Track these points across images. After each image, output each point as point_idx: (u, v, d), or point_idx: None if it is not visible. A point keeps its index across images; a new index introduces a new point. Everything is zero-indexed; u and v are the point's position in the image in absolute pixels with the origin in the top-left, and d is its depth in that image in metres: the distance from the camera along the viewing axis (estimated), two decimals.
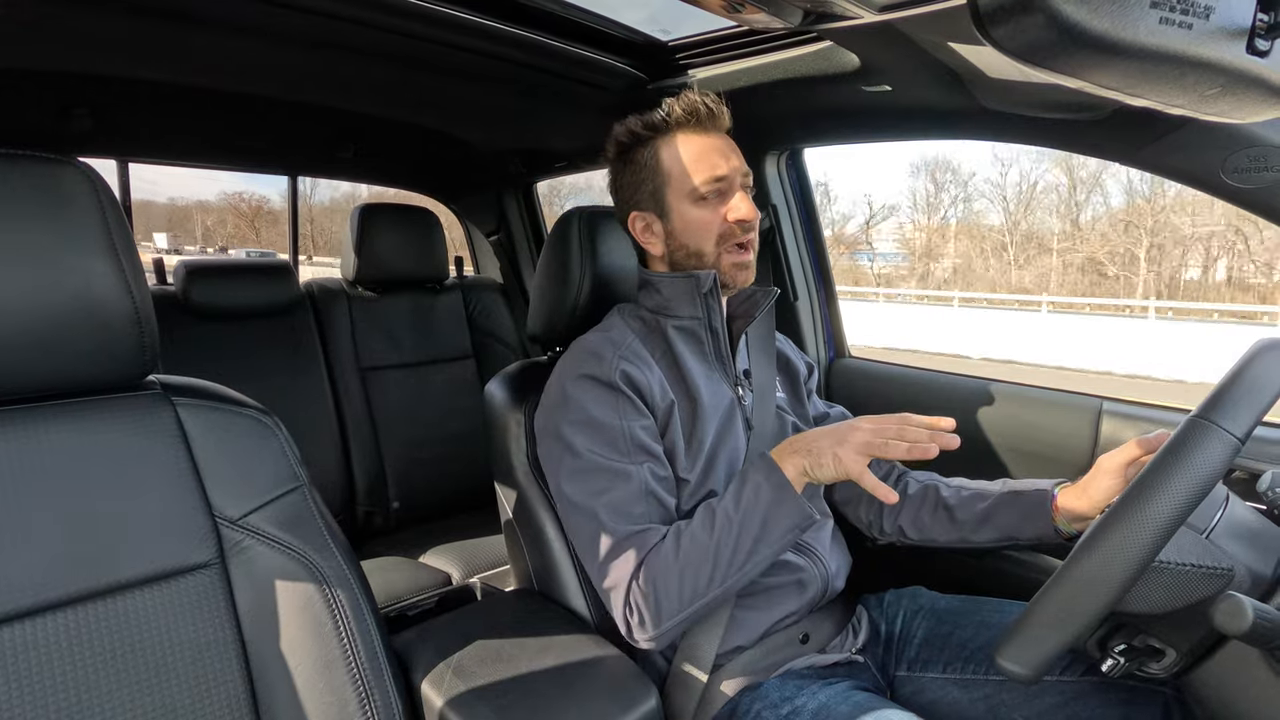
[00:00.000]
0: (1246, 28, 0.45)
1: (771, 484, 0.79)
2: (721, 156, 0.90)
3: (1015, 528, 0.94)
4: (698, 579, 0.78)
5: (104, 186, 0.63)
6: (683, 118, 0.90)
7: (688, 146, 0.91)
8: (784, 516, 0.78)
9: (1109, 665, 0.71)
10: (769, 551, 0.79)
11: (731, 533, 0.78)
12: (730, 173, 0.90)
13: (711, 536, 0.79)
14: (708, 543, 0.78)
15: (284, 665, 0.67)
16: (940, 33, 0.77)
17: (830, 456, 0.76)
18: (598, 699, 0.76)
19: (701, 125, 0.91)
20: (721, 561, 0.78)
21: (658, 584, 0.79)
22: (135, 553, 0.64)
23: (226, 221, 39.17)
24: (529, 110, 1.55)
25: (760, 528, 0.78)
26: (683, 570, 0.78)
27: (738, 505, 0.80)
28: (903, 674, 0.96)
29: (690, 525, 0.81)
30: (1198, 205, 25.41)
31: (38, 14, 0.98)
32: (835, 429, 0.79)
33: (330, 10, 0.98)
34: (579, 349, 0.93)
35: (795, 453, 0.80)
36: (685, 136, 0.91)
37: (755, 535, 0.78)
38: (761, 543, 0.78)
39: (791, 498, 0.78)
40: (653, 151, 0.92)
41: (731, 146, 0.92)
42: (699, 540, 0.79)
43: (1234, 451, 0.59)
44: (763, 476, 0.80)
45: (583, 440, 0.86)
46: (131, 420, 0.67)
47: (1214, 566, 0.64)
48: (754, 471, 0.81)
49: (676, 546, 0.80)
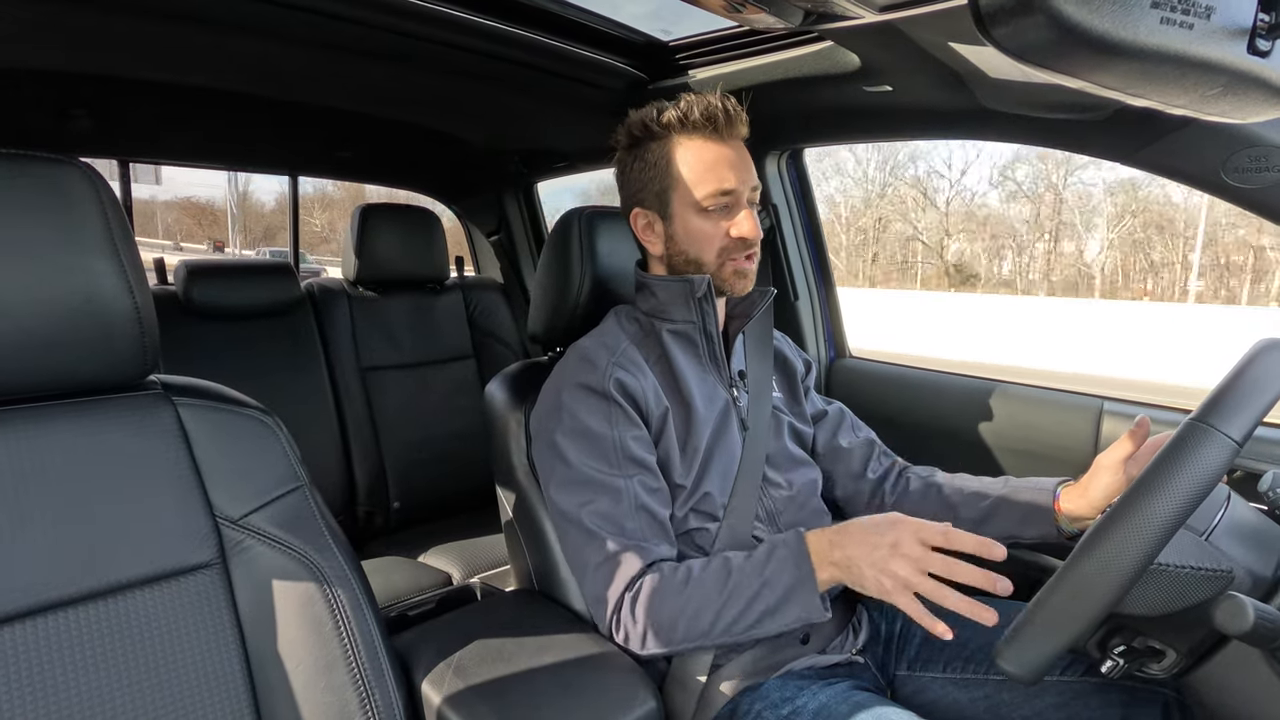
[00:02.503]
0: (1247, 28, 0.45)
1: (798, 574, 0.76)
2: (732, 169, 0.88)
3: (1017, 527, 0.94)
4: (694, 626, 0.78)
5: (105, 186, 0.63)
6: (700, 121, 0.87)
7: (701, 153, 0.89)
8: (797, 606, 0.75)
9: (1109, 666, 0.71)
10: (772, 628, 0.76)
11: (743, 598, 0.76)
12: (738, 187, 0.88)
13: (721, 593, 0.77)
14: (715, 598, 0.77)
15: (285, 665, 0.67)
16: (941, 33, 0.77)
17: (873, 583, 0.71)
18: (598, 699, 0.76)
19: (718, 132, 0.88)
20: (724, 620, 0.77)
21: (653, 614, 0.79)
22: (136, 553, 0.64)
23: (183, 220, 42.17)
24: (529, 110, 1.55)
25: (775, 604, 0.76)
26: (682, 611, 0.78)
27: (760, 574, 0.77)
28: (903, 674, 0.96)
29: (703, 572, 0.80)
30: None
31: (39, 14, 0.98)
32: (874, 539, 0.72)
33: (331, 10, 0.98)
34: (574, 355, 0.93)
35: (833, 564, 0.75)
36: (700, 142, 0.89)
37: (766, 609, 0.76)
38: (769, 619, 0.76)
39: (811, 593, 0.75)
40: (664, 150, 0.90)
41: (744, 158, 0.90)
42: (708, 592, 0.78)
43: (1232, 455, 0.59)
44: (793, 562, 0.76)
45: (574, 450, 0.86)
46: (132, 420, 0.67)
47: (1213, 569, 0.64)
48: (784, 549, 0.78)
49: (684, 587, 0.79)
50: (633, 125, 0.93)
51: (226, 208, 4.75)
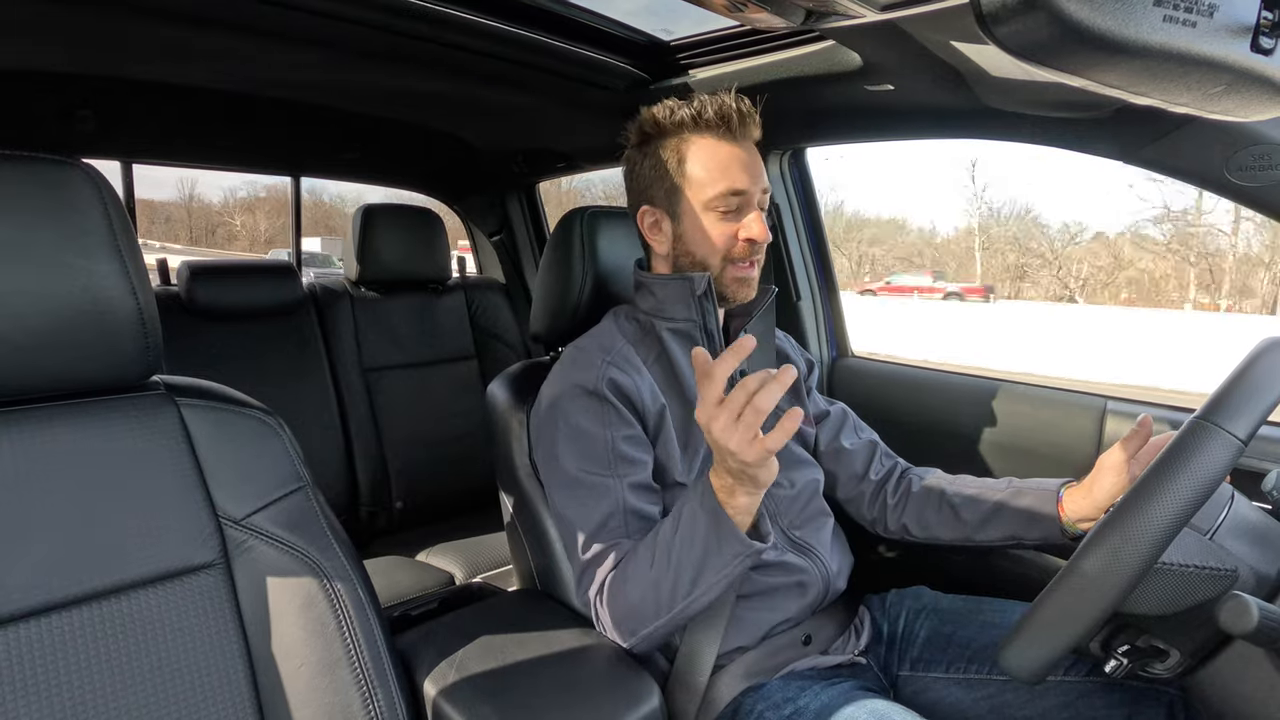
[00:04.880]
0: (1251, 25, 0.45)
1: (706, 510, 0.72)
2: (745, 170, 0.88)
3: (1020, 528, 0.93)
4: (643, 610, 0.78)
5: (108, 188, 0.63)
6: (714, 120, 0.87)
7: (714, 153, 0.88)
8: (724, 548, 0.72)
9: (1112, 666, 0.71)
10: (715, 582, 0.73)
11: (670, 567, 0.74)
12: (750, 188, 0.88)
13: (650, 569, 0.76)
14: (648, 574, 0.77)
15: (287, 665, 0.67)
16: (943, 31, 0.76)
17: (738, 466, 0.66)
18: (600, 699, 0.76)
19: (731, 132, 0.88)
20: (663, 596, 0.76)
21: (613, 609, 0.80)
22: (139, 553, 0.64)
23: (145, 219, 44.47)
24: (531, 110, 1.55)
25: (698, 565, 0.73)
26: (628, 599, 0.79)
27: (674, 534, 0.75)
28: (905, 674, 0.96)
29: (636, 552, 0.79)
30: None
31: (41, 15, 0.98)
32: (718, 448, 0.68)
33: (333, 11, 0.99)
34: (569, 356, 0.94)
35: (722, 485, 0.71)
36: (713, 141, 0.88)
37: (694, 571, 0.73)
38: (702, 576, 0.73)
39: (728, 529, 0.71)
40: (676, 148, 0.90)
41: (756, 160, 0.90)
42: (640, 571, 0.78)
43: (1236, 454, 0.59)
44: (698, 503, 0.74)
45: (567, 450, 0.87)
46: (135, 421, 0.67)
47: (1217, 568, 0.64)
48: (691, 497, 0.75)
49: (624, 576, 0.80)
50: (645, 122, 0.92)
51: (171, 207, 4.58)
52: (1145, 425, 0.86)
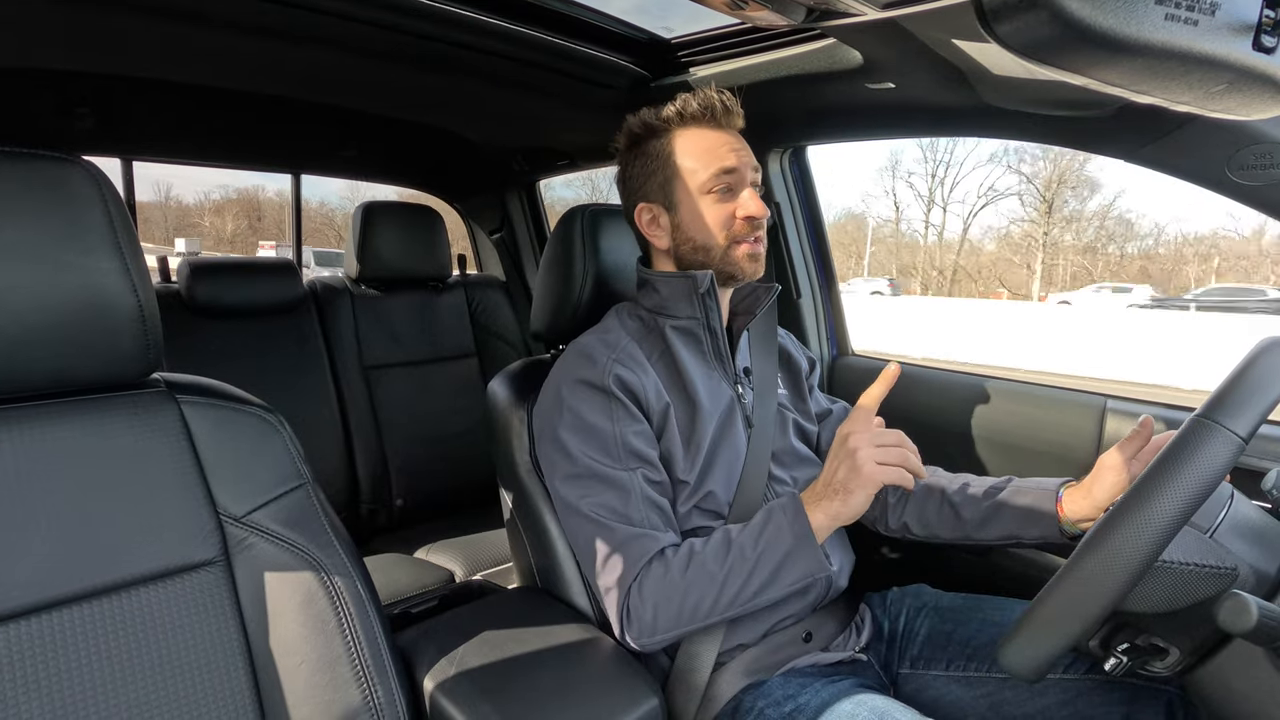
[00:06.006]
0: (1253, 24, 0.45)
1: (795, 532, 0.78)
2: (732, 150, 0.91)
3: (1020, 527, 0.94)
4: (699, 604, 0.79)
5: (108, 185, 0.63)
6: (698, 112, 0.90)
7: (700, 140, 0.91)
8: (798, 566, 0.78)
9: (1112, 664, 0.71)
10: (775, 594, 0.79)
11: (743, 570, 0.78)
12: (740, 166, 0.90)
13: (722, 568, 0.79)
14: (717, 573, 0.79)
15: (287, 662, 0.67)
16: (944, 29, 0.76)
17: (859, 490, 0.76)
18: (601, 696, 0.76)
19: (715, 121, 0.91)
20: (726, 594, 0.78)
21: (658, 597, 0.80)
22: (139, 550, 0.64)
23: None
24: (532, 108, 1.55)
25: (772, 572, 0.78)
26: (686, 591, 0.79)
27: (755, 544, 0.79)
28: (906, 671, 0.96)
29: (704, 549, 0.81)
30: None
31: (40, 12, 0.98)
32: (834, 462, 0.79)
33: (334, 9, 0.98)
34: (574, 352, 0.93)
35: (823, 497, 0.79)
36: (699, 131, 0.91)
37: (765, 579, 0.78)
38: (770, 586, 0.78)
39: (810, 549, 0.78)
40: (664, 143, 0.92)
41: (743, 143, 0.93)
42: (709, 568, 0.79)
43: (1237, 451, 0.59)
44: (787, 521, 0.79)
45: (577, 444, 0.86)
46: (136, 418, 0.67)
47: (1218, 566, 0.64)
48: (780, 513, 0.80)
49: (685, 566, 0.80)
50: (632, 125, 0.95)
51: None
52: (1147, 426, 0.86)
